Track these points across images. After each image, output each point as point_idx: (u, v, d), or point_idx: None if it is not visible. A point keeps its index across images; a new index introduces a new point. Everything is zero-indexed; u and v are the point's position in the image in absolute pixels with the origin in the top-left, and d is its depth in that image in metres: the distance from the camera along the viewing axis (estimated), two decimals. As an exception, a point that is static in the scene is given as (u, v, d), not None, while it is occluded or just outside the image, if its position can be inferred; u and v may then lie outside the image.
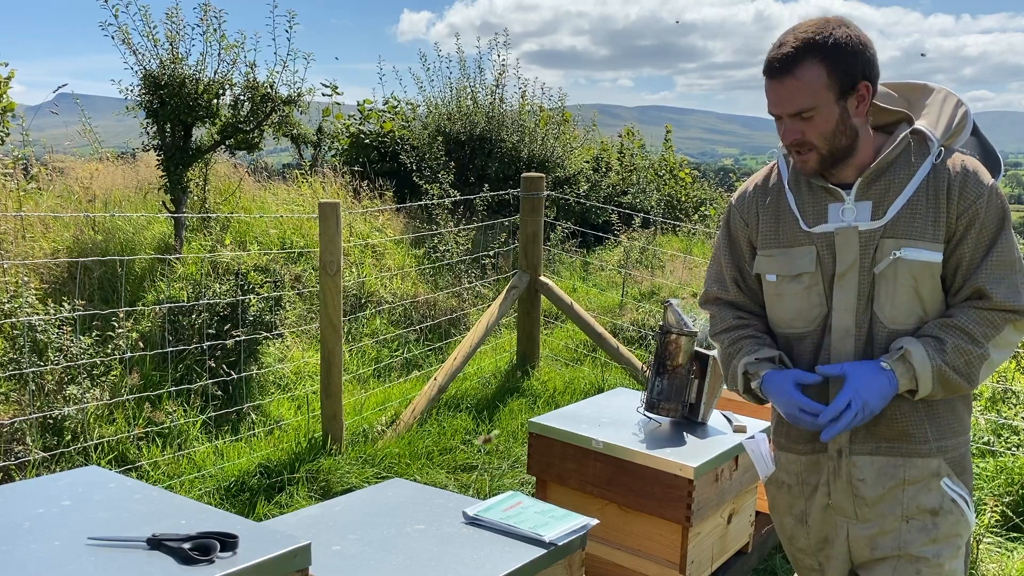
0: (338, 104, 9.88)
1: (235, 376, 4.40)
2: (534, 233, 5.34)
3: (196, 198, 6.47)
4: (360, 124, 9.61)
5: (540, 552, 1.98)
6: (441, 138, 8.76)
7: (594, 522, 2.13)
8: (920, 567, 1.76)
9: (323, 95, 9.61)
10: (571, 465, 2.83)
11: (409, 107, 10.06)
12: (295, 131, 8.76)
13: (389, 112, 9.98)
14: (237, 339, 4.39)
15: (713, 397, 2.93)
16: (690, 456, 2.62)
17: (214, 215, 6.42)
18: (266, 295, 4.79)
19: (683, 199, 11.18)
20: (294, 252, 6.29)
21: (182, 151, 5.77)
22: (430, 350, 5.83)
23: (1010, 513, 3.63)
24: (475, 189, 8.13)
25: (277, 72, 5.91)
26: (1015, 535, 3.55)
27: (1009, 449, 3.99)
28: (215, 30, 5.72)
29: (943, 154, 1.74)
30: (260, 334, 4.65)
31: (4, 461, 3.55)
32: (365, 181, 8.28)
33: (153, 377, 4.40)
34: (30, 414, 3.71)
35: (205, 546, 1.45)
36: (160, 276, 5.43)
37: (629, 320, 6.57)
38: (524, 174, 5.41)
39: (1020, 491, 3.70)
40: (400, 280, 6.68)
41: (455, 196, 7.49)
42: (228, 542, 1.48)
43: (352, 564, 1.90)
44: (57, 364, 3.84)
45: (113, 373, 4.15)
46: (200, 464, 3.87)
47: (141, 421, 4.05)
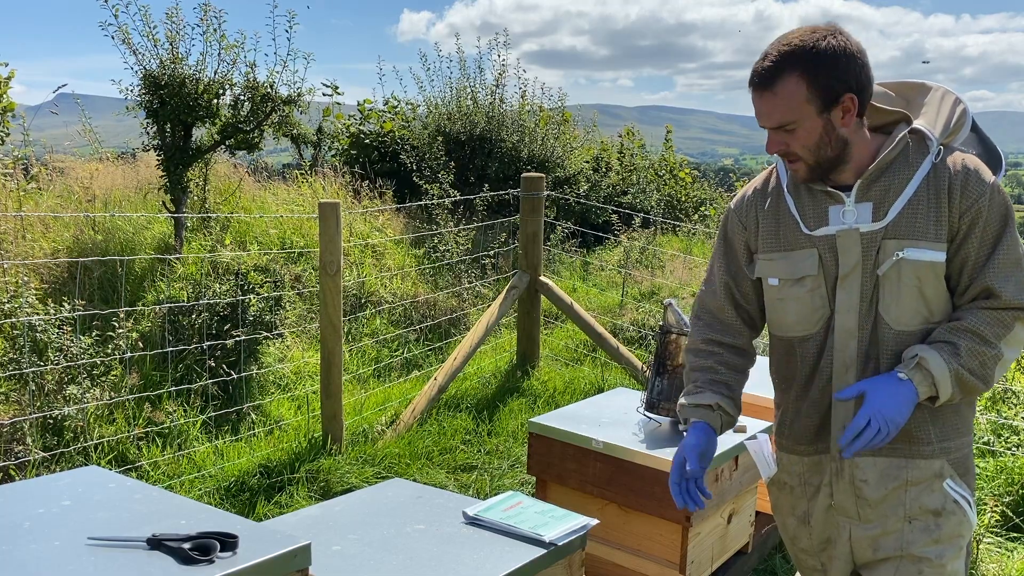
0: (338, 104, 9.89)
1: (235, 376, 4.40)
2: (534, 233, 5.34)
3: (196, 198, 6.47)
4: (360, 124, 9.61)
5: (540, 552, 1.98)
6: (441, 138, 8.76)
7: (594, 522, 2.13)
8: (922, 567, 1.76)
9: (323, 95, 9.62)
10: (571, 465, 2.83)
11: (409, 107, 10.06)
12: (295, 131, 8.75)
13: (389, 112, 9.98)
14: (237, 339, 4.39)
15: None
16: (690, 456, 2.62)
17: (214, 215, 6.42)
18: (266, 295, 4.79)
19: (683, 199, 11.18)
20: (294, 252, 6.29)
21: (182, 151, 5.77)
22: (430, 350, 5.83)
23: (1010, 513, 3.63)
24: (475, 189, 8.14)
25: (277, 72, 5.91)
26: (1015, 535, 3.55)
27: (1009, 449, 3.99)
28: (215, 30, 5.73)
29: (943, 153, 1.73)
30: (260, 334, 4.65)
31: (4, 461, 3.55)
32: (365, 181, 8.28)
33: (153, 377, 4.40)
34: (30, 414, 3.71)
35: (205, 546, 1.45)
36: (160, 276, 5.43)
37: (629, 320, 6.57)
38: (524, 174, 5.41)
39: (1020, 491, 3.70)
40: (400, 280, 6.68)
41: (455, 196, 7.49)
42: (228, 542, 1.48)
43: (352, 564, 1.90)
44: (57, 364, 3.84)
45: (113, 373, 4.15)
46: (200, 464, 3.87)
47: (141, 421, 4.05)
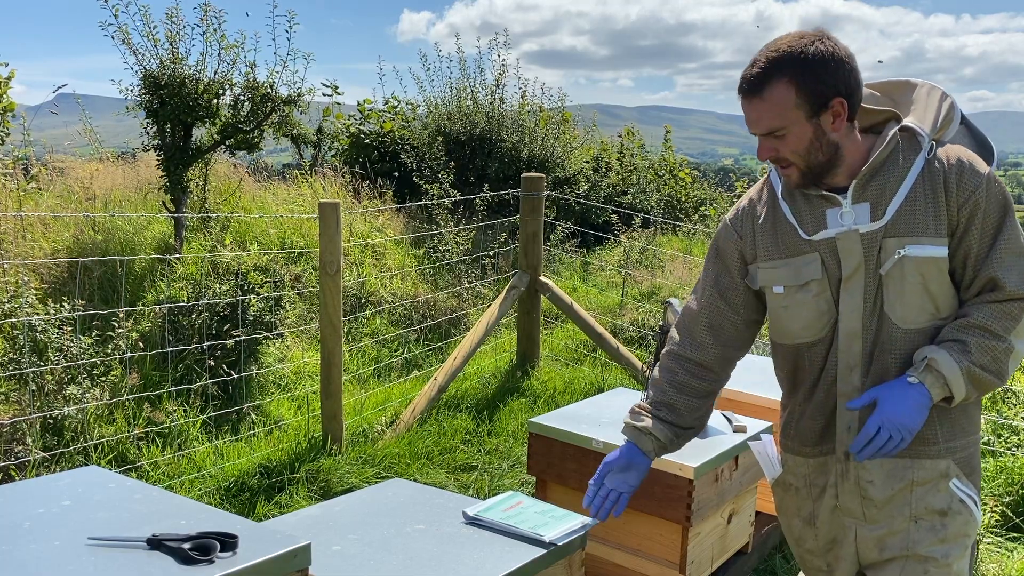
0: (338, 104, 9.89)
1: (235, 376, 4.40)
2: (534, 233, 5.34)
3: (196, 198, 6.47)
4: (360, 124, 9.61)
5: (540, 552, 1.98)
6: (441, 138, 8.75)
7: (594, 522, 2.13)
8: (928, 567, 1.75)
9: (323, 95, 9.62)
10: (571, 465, 2.83)
11: (409, 107, 10.06)
12: (295, 131, 8.75)
13: (389, 112, 9.98)
14: (237, 339, 4.39)
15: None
16: (690, 456, 2.62)
17: (214, 215, 6.42)
18: (266, 295, 4.79)
19: (683, 199, 11.18)
20: (294, 252, 6.29)
21: (182, 151, 5.77)
22: (430, 350, 5.83)
23: (1010, 513, 3.63)
24: (475, 189, 8.14)
25: (277, 72, 5.91)
26: (1015, 535, 3.55)
27: (1009, 449, 3.99)
28: (215, 30, 5.73)
29: (935, 148, 1.73)
30: (260, 334, 4.65)
31: (4, 461, 3.55)
32: (365, 181, 8.28)
33: (153, 377, 4.40)
34: (30, 414, 3.71)
35: (205, 546, 1.45)
36: (160, 276, 5.43)
37: (629, 320, 6.57)
38: (524, 174, 5.41)
39: (1020, 491, 3.70)
40: (400, 280, 6.68)
41: (455, 196, 7.49)
42: (228, 542, 1.48)
43: (352, 564, 1.90)
44: (57, 364, 3.84)
45: (113, 373, 4.15)
46: (200, 464, 3.87)
47: (141, 421, 4.05)
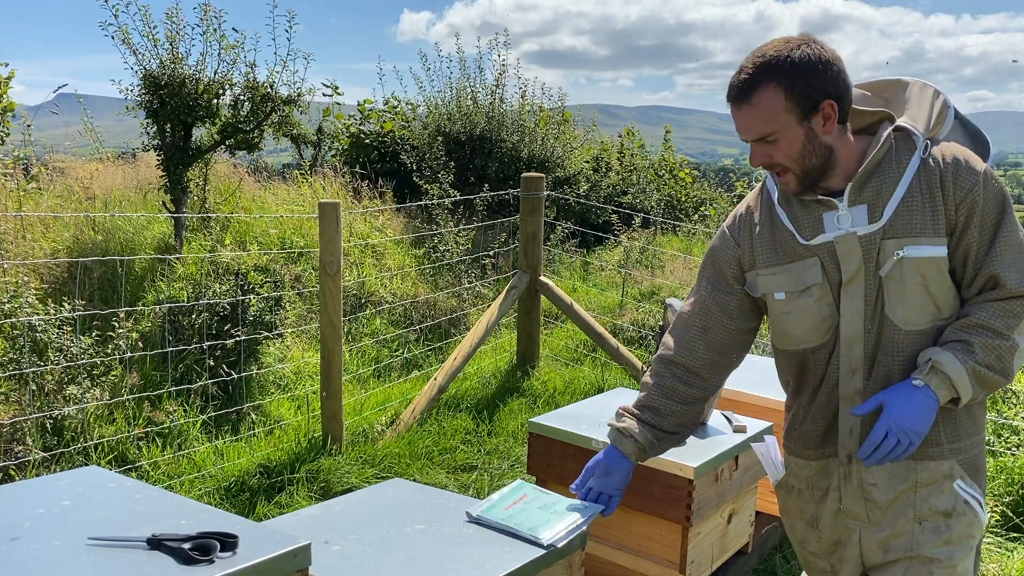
0: (338, 104, 9.89)
1: (235, 376, 4.40)
2: (534, 233, 5.34)
3: (196, 198, 6.47)
4: (360, 124, 9.61)
5: (540, 552, 1.98)
6: (441, 138, 8.76)
7: (596, 510, 2.10)
8: (932, 568, 1.74)
9: (324, 95, 9.62)
10: (571, 465, 2.83)
11: (409, 107, 10.06)
12: (295, 131, 8.76)
13: (389, 112, 9.98)
14: (237, 339, 4.39)
15: (714, 397, 2.93)
16: (690, 456, 2.62)
17: (214, 215, 6.42)
18: (266, 295, 4.79)
19: (683, 199, 11.18)
20: (294, 252, 6.29)
21: (182, 151, 5.77)
22: (430, 350, 5.83)
23: (1010, 513, 3.63)
24: (475, 189, 8.14)
25: (277, 72, 5.91)
26: (1015, 535, 3.55)
27: (1009, 449, 3.99)
28: (215, 30, 5.73)
29: (929, 147, 1.72)
30: (260, 334, 4.65)
31: (4, 461, 3.55)
32: (365, 181, 8.28)
33: (153, 377, 4.40)
34: (30, 414, 3.71)
35: (205, 546, 1.45)
36: (160, 276, 5.43)
37: (629, 320, 6.57)
38: (524, 174, 5.41)
39: (1020, 491, 3.70)
40: (400, 280, 6.68)
41: (455, 196, 7.49)
42: (228, 542, 1.48)
43: (352, 564, 1.90)
44: (57, 364, 3.84)
45: (113, 373, 4.15)
46: (200, 464, 3.87)
47: (141, 421, 4.05)
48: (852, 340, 1.76)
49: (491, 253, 7.02)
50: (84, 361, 3.93)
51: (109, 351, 4.07)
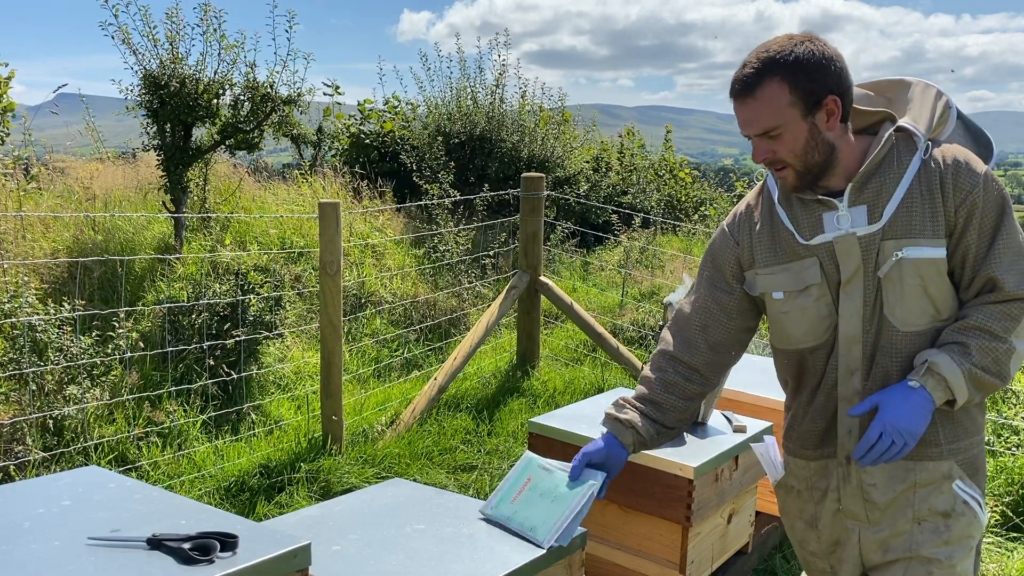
0: (339, 104, 9.89)
1: (235, 376, 4.40)
2: (534, 233, 5.34)
3: (196, 198, 6.47)
4: (360, 124, 9.61)
5: (540, 552, 1.98)
6: (441, 138, 8.76)
7: (596, 486, 2.06)
8: (932, 568, 1.74)
9: (324, 95, 9.62)
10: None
11: (409, 107, 10.06)
12: (295, 131, 8.76)
13: (389, 112, 9.98)
14: (237, 339, 4.39)
15: (713, 397, 2.93)
16: (690, 456, 2.62)
17: (214, 215, 6.42)
18: (266, 295, 4.79)
19: (683, 199, 11.18)
20: (294, 252, 6.29)
21: (182, 151, 5.77)
22: (430, 350, 5.83)
23: (1010, 513, 3.63)
24: (475, 189, 8.14)
25: (277, 72, 5.91)
26: (1015, 535, 3.55)
27: (1009, 449, 3.99)
28: (215, 30, 5.73)
29: (930, 148, 1.72)
30: (260, 334, 4.65)
31: (4, 461, 3.55)
32: (365, 181, 8.28)
33: (153, 377, 4.40)
34: (30, 414, 3.71)
35: (205, 546, 1.45)
36: (160, 276, 5.43)
37: (629, 320, 6.57)
38: (524, 174, 5.41)
39: (1020, 491, 3.70)
40: (400, 280, 6.68)
41: (455, 196, 7.49)
42: (228, 542, 1.48)
43: (352, 564, 1.90)
44: (57, 364, 3.84)
45: (113, 373, 4.15)
46: (200, 464, 3.87)
47: (141, 421, 4.05)
48: (851, 341, 1.76)
49: (491, 253, 7.02)
50: (84, 361, 3.93)
51: (109, 351, 4.07)
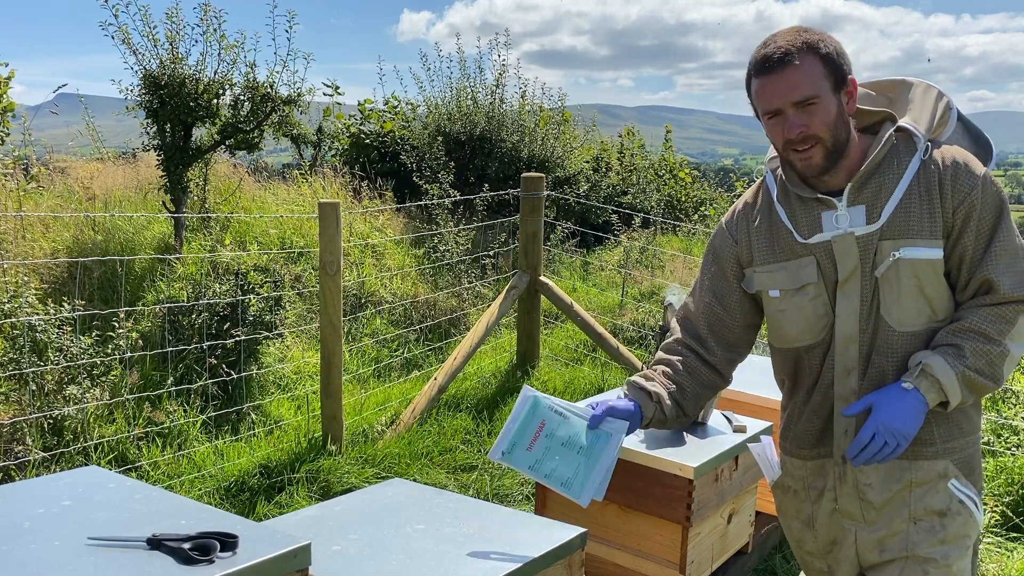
0: (339, 104, 9.89)
1: (235, 376, 4.40)
2: (534, 233, 5.34)
3: (196, 198, 6.47)
4: (360, 124, 9.61)
5: (540, 552, 1.98)
6: (441, 138, 8.76)
7: (621, 436, 1.99)
8: (927, 568, 1.75)
9: (324, 95, 9.62)
10: (571, 465, 2.83)
11: (409, 107, 10.06)
12: (295, 131, 8.76)
13: (389, 112, 9.98)
14: (237, 339, 4.39)
15: (713, 397, 2.93)
16: (690, 456, 2.62)
17: (214, 215, 6.42)
18: (266, 295, 4.79)
19: (683, 199, 11.18)
20: (294, 252, 6.29)
21: (182, 151, 5.77)
22: (430, 350, 5.83)
23: (1010, 513, 3.63)
24: (475, 189, 8.14)
25: (277, 72, 5.91)
26: (1015, 535, 3.55)
27: (1009, 449, 3.99)
28: (215, 30, 5.73)
29: (930, 148, 1.73)
30: (260, 334, 4.65)
31: (4, 461, 3.55)
32: (365, 181, 8.28)
33: (153, 377, 4.40)
34: (30, 414, 3.71)
35: (205, 546, 1.45)
36: (160, 276, 5.43)
37: (629, 320, 6.57)
38: (524, 174, 5.41)
39: (1020, 491, 3.70)
40: (400, 280, 6.68)
41: (455, 196, 7.49)
42: (228, 542, 1.48)
43: (352, 564, 1.90)
44: (57, 364, 3.84)
45: (113, 373, 4.15)
46: (200, 464, 3.87)
47: (141, 421, 4.05)
48: (848, 340, 1.76)
49: (491, 253, 7.02)
50: (84, 361, 3.93)
51: (109, 351, 4.07)
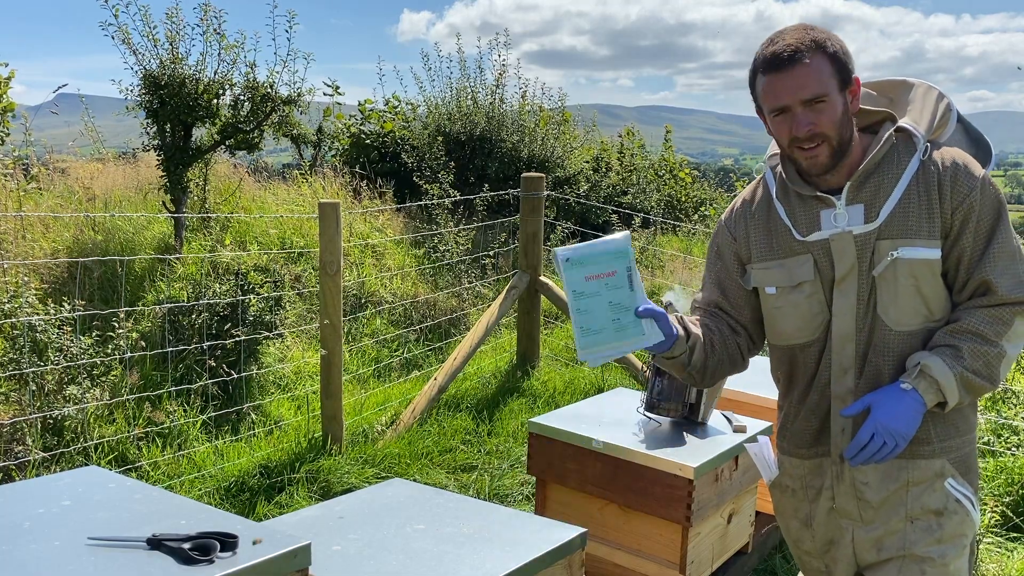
0: (339, 104, 9.89)
1: (235, 376, 4.40)
2: (534, 233, 5.34)
3: (196, 198, 6.47)
4: (360, 124, 9.60)
5: (540, 552, 1.98)
6: (441, 138, 8.76)
7: (649, 342, 1.77)
8: (925, 567, 1.75)
9: (324, 95, 9.61)
10: (571, 465, 2.83)
11: (409, 107, 10.06)
12: (295, 131, 8.75)
13: (389, 112, 9.97)
14: (237, 339, 4.39)
15: (713, 397, 2.93)
16: (690, 456, 2.62)
17: (214, 215, 6.42)
18: (266, 295, 4.79)
19: (683, 199, 11.18)
20: (294, 252, 6.29)
21: (182, 151, 5.77)
22: (430, 350, 5.83)
23: (1010, 513, 3.63)
24: (475, 189, 8.13)
25: (277, 72, 5.91)
26: (1015, 535, 3.55)
27: (1009, 449, 3.99)
28: (215, 30, 5.72)
29: (930, 149, 1.73)
30: (260, 334, 4.65)
31: (4, 461, 3.55)
32: (365, 181, 8.28)
33: (153, 377, 4.40)
34: (30, 414, 3.71)
35: (205, 546, 1.46)
36: (160, 276, 5.43)
37: (629, 320, 6.56)
38: (524, 174, 5.41)
39: (1020, 491, 3.70)
40: (400, 280, 6.68)
41: (455, 196, 7.49)
42: (228, 542, 1.48)
43: (352, 564, 1.90)
44: (57, 364, 3.84)
45: (113, 373, 4.15)
46: (200, 464, 3.87)
47: (141, 421, 4.05)
48: (844, 339, 1.77)
49: (491, 253, 7.02)
50: (84, 361, 3.93)
51: (109, 351, 4.07)
